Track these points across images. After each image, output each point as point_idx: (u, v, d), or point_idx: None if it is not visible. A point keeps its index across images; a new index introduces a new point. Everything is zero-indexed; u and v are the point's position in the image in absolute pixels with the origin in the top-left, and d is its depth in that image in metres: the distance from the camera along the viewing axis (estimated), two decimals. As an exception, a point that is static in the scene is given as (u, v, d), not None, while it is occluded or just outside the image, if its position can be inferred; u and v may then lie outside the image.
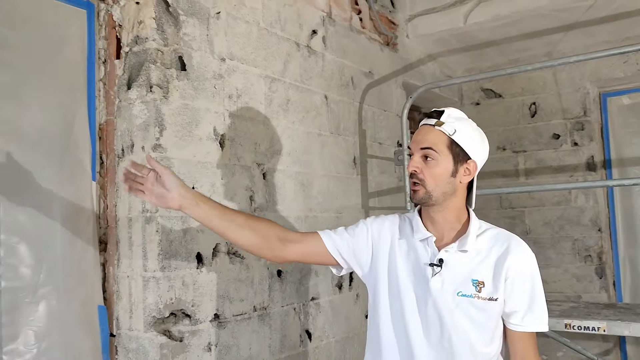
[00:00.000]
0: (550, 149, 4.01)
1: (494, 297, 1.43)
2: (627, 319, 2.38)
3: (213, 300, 2.16)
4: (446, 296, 1.43)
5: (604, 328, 2.34)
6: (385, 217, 1.61)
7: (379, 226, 1.58)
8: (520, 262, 1.45)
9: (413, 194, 1.46)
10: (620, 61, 3.78)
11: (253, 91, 2.44)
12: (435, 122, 1.45)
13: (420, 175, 1.44)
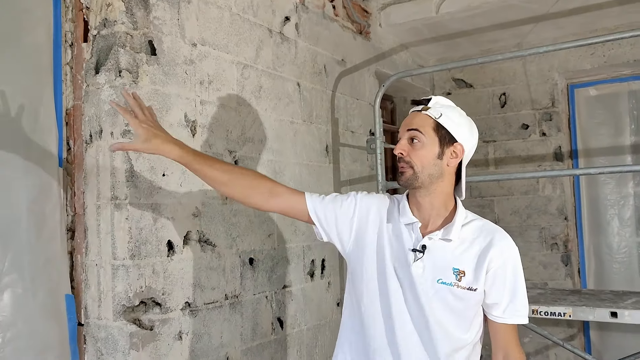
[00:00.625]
0: (520, 139, 4.08)
1: (473, 287, 1.45)
2: (592, 304, 2.45)
3: (184, 288, 2.14)
4: (426, 282, 1.45)
5: (569, 313, 2.40)
6: (376, 197, 1.62)
7: (367, 205, 1.58)
8: (503, 255, 1.47)
9: (400, 175, 1.48)
10: (588, 53, 3.85)
11: (225, 77, 2.41)
12: (422, 107, 1.49)
13: (407, 157, 1.46)
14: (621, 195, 3.99)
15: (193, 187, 2.21)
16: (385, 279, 1.49)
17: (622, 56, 3.75)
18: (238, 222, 2.43)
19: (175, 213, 2.12)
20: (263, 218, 2.58)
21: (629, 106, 3.97)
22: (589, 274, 4.06)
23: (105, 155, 1.97)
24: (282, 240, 2.70)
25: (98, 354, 1.96)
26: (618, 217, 3.99)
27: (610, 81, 4.01)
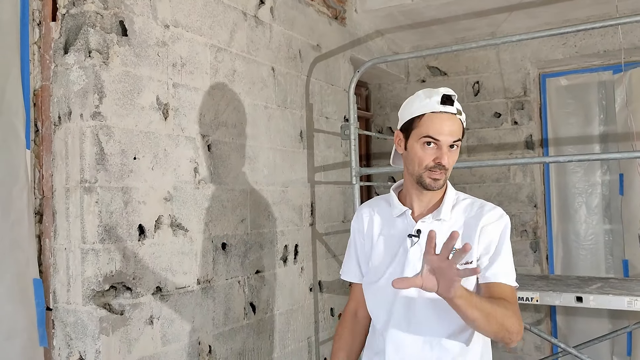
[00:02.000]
0: (492, 127, 4.13)
1: (469, 260, 1.47)
2: (559, 289, 2.51)
3: (155, 273, 2.12)
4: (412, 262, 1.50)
5: (537, 298, 2.46)
6: (361, 208, 1.71)
7: (357, 224, 1.69)
8: (491, 221, 1.51)
9: (434, 182, 1.47)
10: (560, 43, 3.90)
11: (198, 60, 2.38)
12: (456, 110, 1.48)
13: (447, 165, 1.46)
14: (589, 183, 4.08)
15: (165, 171, 2.18)
16: (384, 272, 1.56)
17: (593, 47, 3.82)
18: (211, 206, 2.42)
19: (146, 197, 2.10)
20: (236, 203, 2.57)
21: (598, 96, 4.05)
22: (556, 261, 4.16)
23: (74, 138, 1.93)
24: (255, 225, 2.70)
25: (67, 339, 1.94)
26: (585, 205, 4.09)
27: (580, 71, 4.08)
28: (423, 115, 1.47)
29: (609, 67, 3.98)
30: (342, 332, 1.73)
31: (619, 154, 2.76)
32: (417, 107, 1.49)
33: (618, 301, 2.32)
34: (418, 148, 1.48)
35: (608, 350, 3.94)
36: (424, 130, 1.47)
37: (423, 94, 1.51)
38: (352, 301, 1.74)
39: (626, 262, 3.92)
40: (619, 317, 3.84)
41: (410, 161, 1.52)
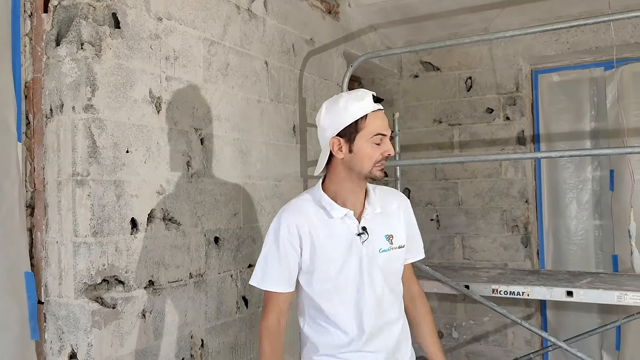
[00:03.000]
0: (484, 122, 4.14)
1: (402, 244, 1.72)
2: (549, 284, 2.53)
3: (148, 266, 2.12)
4: (374, 257, 1.66)
5: (527, 292, 2.48)
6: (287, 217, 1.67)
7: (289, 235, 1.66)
8: (408, 209, 1.79)
9: (381, 172, 1.62)
10: (552, 39, 3.92)
11: (191, 53, 2.37)
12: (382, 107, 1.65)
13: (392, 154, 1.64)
14: (580, 179, 4.10)
15: (158, 165, 2.18)
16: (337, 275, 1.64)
17: (585, 43, 3.84)
18: (203, 200, 2.41)
19: (139, 190, 2.09)
20: (229, 197, 2.57)
21: (589, 93, 4.07)
22: (547, 255, 4.19)
23: (66, 130, 1.92)
24: (248, 219, 2.70)
25: (59, 332, 1.93)
26: (576, 200, 4.11)
27: (572, 67, 4.10)
28: (366, 116, 1.58)
29: (600, 63, 4.00)
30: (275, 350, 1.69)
31: (610, 150, 2.78)
32: (354, 110, 1.59)
33: (608, 296, 2.35)
34: (368, 146, 1.59)
35: (597, 344, 3.98)
36: (373, 129, 1.59)
37: (353, 98, 1.61)
38: (273, 312, 1.70)
39: (616, 257, 3.95)
40: (608, 311, 3.87)
41: (359, 161, 1.60)
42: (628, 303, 2.31)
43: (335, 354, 1.67)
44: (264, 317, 1.71)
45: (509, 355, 3.95)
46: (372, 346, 1.66)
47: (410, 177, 4.32)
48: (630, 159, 3.60)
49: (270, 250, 1.69)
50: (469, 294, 2.66)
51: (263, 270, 1.70)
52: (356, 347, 1.65)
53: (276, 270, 1.67)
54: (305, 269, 1.67)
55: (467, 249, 4.20)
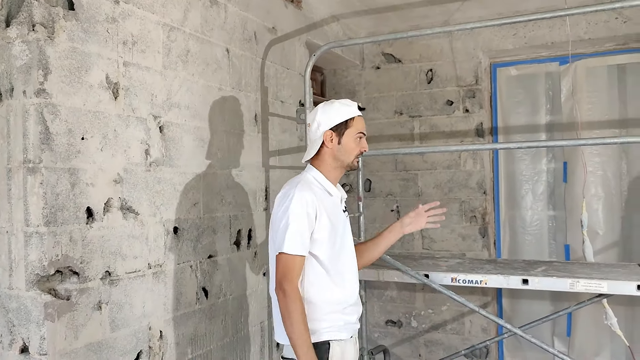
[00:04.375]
0: (444, 115, 4.19)
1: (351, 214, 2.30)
2: (506, 272, 2.59)
3: (104, 257, 2.06)
4: (347, 223, 2.14)
5: (485, 281, 2.53)
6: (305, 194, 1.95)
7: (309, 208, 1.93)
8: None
9: (358, 164, 2.14)
10: (510, 34, 3.99)
11: (150, 39, 2.31)
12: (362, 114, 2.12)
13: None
14: (535, 171, 4.21)
15: (115, 152, 2.12)
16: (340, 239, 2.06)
17: (541, 38, 3.92)
18: (163, 189, 2.36)
19: (95, 179, 2.03)
20: (189, 186, 2.52)
21: (545, 87, 4.17)
22: (503, 245, 4.29)
23: (16, 115, 1.85)
24: (208, 209, 2.66)
25: (9, 325, 1.86)
26: (532, 192, 4.22)
27: (529, 62, 4.19)
28: (353, 118, 2.06)
29: (555, 58, 4.10)
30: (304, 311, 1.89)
31: (565, 142, 2.86)
32: (345, 113, 2.06)
33: (561, 283, 2.41)
34: (352, 142, 2.06)
35: (549, 331, 4.10)
36: (357, 129, 2.07)
37: (344, 104, 2.08)
38: (298, 276, 1.92)
39: (567, 246, 4.08)
40: (559, 299, 4.00)
41: (344, 152, 2.06)
42: (579, 290, 2.38)
43: (339, 310, 2.00)
44: (291, 281, 1.88)
45: (466, 343, 4.04)
46: (356, 299, 2.10)
47: (371, 168, 4.34)
48: (583, 151, 3.72)
49: (301, 222, 1.91)
50: (428, 283, 2.70)
51: (302, 238, 1.90)
52: (352, 301, 2.06)
53: (307, 238, 1.93)
54: (318, 237, 1.96)
55: (426, 239, 4.26)
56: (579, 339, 3.99)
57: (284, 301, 1.86)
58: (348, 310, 2.04)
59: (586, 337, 3.98)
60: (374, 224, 4.29)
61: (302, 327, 1.85)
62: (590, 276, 2.44)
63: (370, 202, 4.32)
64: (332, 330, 1.98)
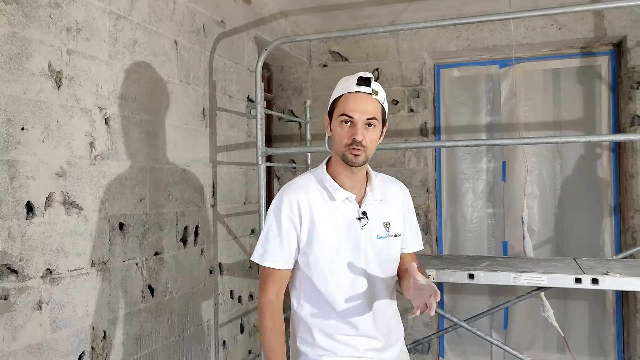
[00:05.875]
0: (390, 114, 4.25)
1: (398, 232, 1.71)
2: (453, 267, 2.66)
3: (45, 254, 1.96)
4: (372, 242, 1.65)
5: (433, 276, 2.58)
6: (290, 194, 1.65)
7: (290, 211, 1.63)
8: (408, 198, 1.79)
9: (354, 157, 1.56)
10: (454, 36, 4.10)
11: (96, 27, 2.21)
12: (372, 90, 1.56)
13: (364, 142, 1.55)
14: (476, 170, 4.35)
15: (57, 144, 2.02)
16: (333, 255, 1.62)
17: (483, 41, 4.05)
18: (108, 184, 2.27)
19: (36, 172, 1.92)
20: (135, 181, 2.44)
21: (485, 88, 4.32)
22: (445, 242, 4.41)
23: (-49, 103, 1.72)
24: (154, 205, 2.58)
25: (-60, 328, 1.74)
26: (472, 190, 4.36)
27: (471, 64, 4.32)
28: (341, 96, 1.58)
29: (496, 61, 4.26)
30: (277, 324, 1.64)
31: (507, 140, 2.97)
32: (337, 91, 1.61)
33: (505, 277, 2.50)
34: (337, 127, 1.59)
35: (487, 324, 4.25)
36: (341, 109, 1.58)
37: (344, 79, 1.62)
38: (273, 288, 1.66)
39: (505, 243, 4.25)
40: (497, 294, 4.16)
41: (334, 140, 1.61)
42: (522, 283, 2.47)
43: (334, 335, 1.67)
44: (264, 291, 1.65)
45: (409, 338, 4.08)
46: (365, 330, 1.66)
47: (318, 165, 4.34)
48: (524, 151, 3.88)
49: (271, 227, 1.65)
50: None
51: (264, 247, 1.66)
52: (351, 331, 1.66)
53: (277, 246, 1.64)
54: (302, 248, 1.65)
55: (371, 236, 4.31)
56: (515, 332, 4.16)
57: (258, 312, 1.67)
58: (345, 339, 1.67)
59: (522, 330, 4.15)
60: (320, 221, 4.30)
61: (268, 342, 1.62)
62: (531, 270, 2.54)
63: (316, 200, 4.32)
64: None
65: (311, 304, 1.68)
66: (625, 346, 3.93)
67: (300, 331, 1.72)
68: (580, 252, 3.95)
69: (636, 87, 3.68)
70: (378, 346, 1.69)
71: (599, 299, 4.03)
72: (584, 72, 4.09)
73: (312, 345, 1.69)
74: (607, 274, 2.42)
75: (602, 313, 4.02)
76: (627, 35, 3.72)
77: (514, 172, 4.17)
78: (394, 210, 1.71)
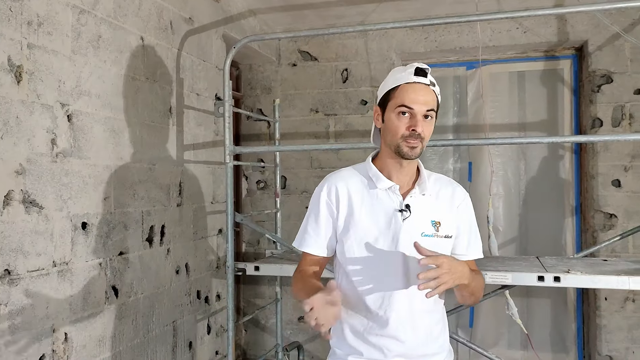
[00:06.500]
0: (358, 114, 4.27)
1: (449, 234, 1.60)
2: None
3: (3, 254, 1.90)
4: (415, 238, 1.54)
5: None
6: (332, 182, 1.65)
7: (329, 198, 1.63)
8: (464, 201, 1.65)
9: (410, 150, 1.52)
10: (422, 37, 4.14)
11: (58, 21, 2.16)
12: (430, 82, 1.54)
13: (422, 133, 1.52)
14: (443, 170, 4.40)
15: (17, 141, 1.96)
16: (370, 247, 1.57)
17: (450, 43, 4.10)
18: (70, 182, 2.22)
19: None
20: (99, 179, 2.39)
21: (453, 90, 4.37)
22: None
23: None
24: (119, 204, 2.53)
25: None
26: (439, 190, 4.40)
27: (439, 65, 4.37)
28: (398, 87, 1.54)
29: (463, 63, 4.32)
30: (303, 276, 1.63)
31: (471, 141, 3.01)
32: (392, 81, 1.57)
33: (470, 276, 2.54)
34: (394, 118, 1.54)
35: (453, 323, 4.31)
36: (399, 100, 1.53)
37: (398, 69, 1.59)
38: (308, 266, 1.66)
39: (472, 242, 4.31)
40: (465, 292, 4.21)
41: (388, 132, 1.56)
42: (487, 282, 2.51)
43: (363, 333, 1.60)
44: (300, 268, 1.67)
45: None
46: (396, 332, 1.57)
47: (287, 165, 4.34)
48: (490, 151, 3.94)
49: (310, 213, 1.66)
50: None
51: (302, 232, 1.67)
52: (382, 331, 1.58)
53: (313, 231, 1.64)
54: (339, 236, 1.62)
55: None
56: (480, 330, 4.23)
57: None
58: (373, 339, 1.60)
59: (487, 328, 4.22)
60: (288, 220, 4.29)
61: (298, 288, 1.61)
62: (496, 269, 2.58)
63: (285, 199, 4.31)
64: None
65: (346, 297, 1.61)
66: (585, 342, 4.04)
67: (334, 327, 1.66)
68: (543, 251, 4.04)
69: (597, 91, 3.78)
70: (412, 353, 1.59)
71: (561, 297, 4.12)
72: (547, 75, 4.18)
73: (341, 341, 1.65)
74: (568, 272, 2.48)
75: (564, 310, 4.12)
76: (588, 39, 3.82)
77: (480, 172, 4.23)
78: (446, 210, 1.61)
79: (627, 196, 3.74)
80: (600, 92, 3.77)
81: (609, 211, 3.76)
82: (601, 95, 3.77)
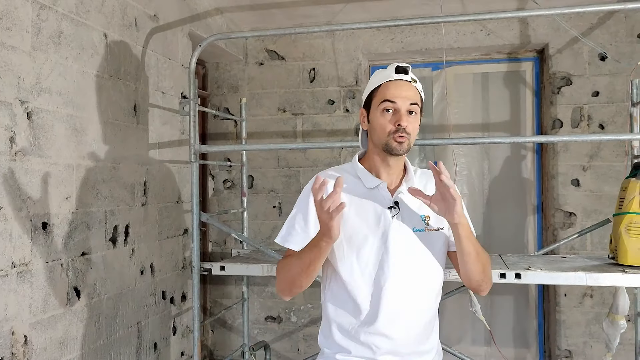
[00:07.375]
0: (326, 113, 4.29)
1: (440, 226, 1.61)
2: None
3: (-40, 255, 1.85)
4: (405, 234, 1.57)
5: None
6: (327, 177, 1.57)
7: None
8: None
9: (399, 145, 1.54)
10: (389, 38, 4.19)
11: (17, 15, 2.11)
12: (411, 78, 1.58)
13: (408, 128, 1.53)
14: (410, 170, 4.45)
15: (-26, 139, 1.90)
16: (360, 246, 1.57)
17: (416, 44, 4.16)
18: (30, 181, 2.17)
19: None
20: (60, 179, 2.34)
21: (419, 90, 4.43)
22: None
23: None
24: (82, 204, 2.48)
25: None
26: (405, 189, 4.46)
27: (405, 66, 4.42)
28: (380, 85, 1.58)
29: (428, 64, 4.38)
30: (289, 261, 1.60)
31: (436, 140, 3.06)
32: (374, 81, 1.61)
33: (434, 273, 2.58)
34: (379, 116, 1.56)
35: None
36: (382, 96, 1.56)
37: (380, 70, 1.62)
38: None
39: (437, 241, 4.37)
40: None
41: (374, 131, 1.58)
42: (451, 279, 2.55)
43: (350, 331, 1.59)
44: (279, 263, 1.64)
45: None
46: (385, 329, 1.56)
47: (254, 164, 4.32)
48: (454, 151, 4.00)
49: (298, 209, 1.65)
50: (311, 276, 2.74)
51: (288, 229, 1.64)
52: (371, 328, 1.56)
53: (300, 229, 1.62)
54: None
55: (307, 235, 4.32)
56: (445, 327, 4.29)
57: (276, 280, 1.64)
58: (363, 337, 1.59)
59: (451, 325, 4.29)
60: (255, 220, 4.28)
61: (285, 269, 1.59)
62: (459, 266, 2.62)
63: (252, 199, 4.30)
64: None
65: (334, 297, 1.63)
66: (545, 337, 4.14)
67: (323, 325, 1.69)
68: (506, 249, 4.13)
69: (557, 92, 3.88)
70: (401, 351, 1.58)
71: (523, 294, 4.22)
72: (510, 77, 4.27)
73: (330, 340, 1.65)
74: (529, 269, 2.54)
75: (526, 307, 4.22)
76: (549, 42, 3.92)
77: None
78: None
79: (585, 195, 3.85)
80: (560, 94, 3.88)
81: (568, 210, 3.87)
82: (561, 97, 3.88)
